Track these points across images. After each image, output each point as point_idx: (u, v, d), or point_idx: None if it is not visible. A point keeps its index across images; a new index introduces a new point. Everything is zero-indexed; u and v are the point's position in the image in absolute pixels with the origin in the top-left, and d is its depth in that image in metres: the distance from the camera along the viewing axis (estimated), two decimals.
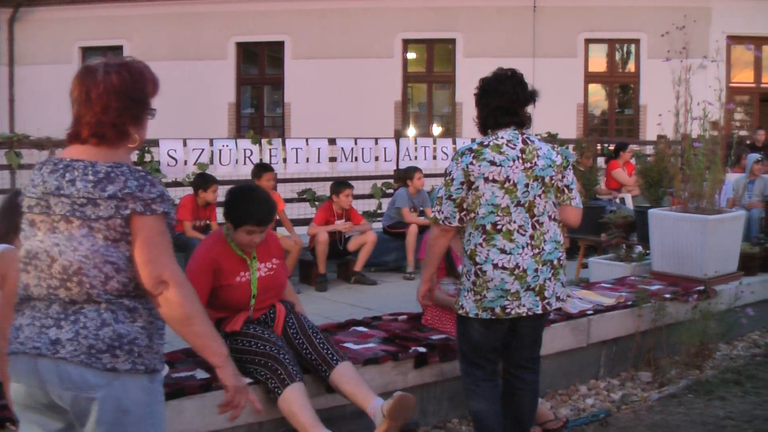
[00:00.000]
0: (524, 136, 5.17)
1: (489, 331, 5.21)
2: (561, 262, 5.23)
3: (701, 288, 8.30)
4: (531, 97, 5.26)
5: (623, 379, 7.57)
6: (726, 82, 22.88)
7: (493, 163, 5.02)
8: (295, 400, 5.23)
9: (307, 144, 13.29)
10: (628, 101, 26.40)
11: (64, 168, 3.26)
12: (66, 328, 3.19)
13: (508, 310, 5.06)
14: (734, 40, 20.84)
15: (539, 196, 5.09)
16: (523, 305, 5.07)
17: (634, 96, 25.75)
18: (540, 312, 5.13)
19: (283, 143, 13.15)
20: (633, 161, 15.50)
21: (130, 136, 3.37)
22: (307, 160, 13.27)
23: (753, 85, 25.76)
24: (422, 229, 11.59)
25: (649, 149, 16.37)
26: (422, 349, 6.21)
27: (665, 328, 7.74)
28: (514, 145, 5.09)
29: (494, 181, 5.02)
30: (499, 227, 5.04)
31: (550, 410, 6.31)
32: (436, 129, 26.02)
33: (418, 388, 6.16)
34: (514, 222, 5.04)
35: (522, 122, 5.22)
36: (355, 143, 13.91)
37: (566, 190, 5.24)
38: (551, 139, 15.82)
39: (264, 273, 5.78)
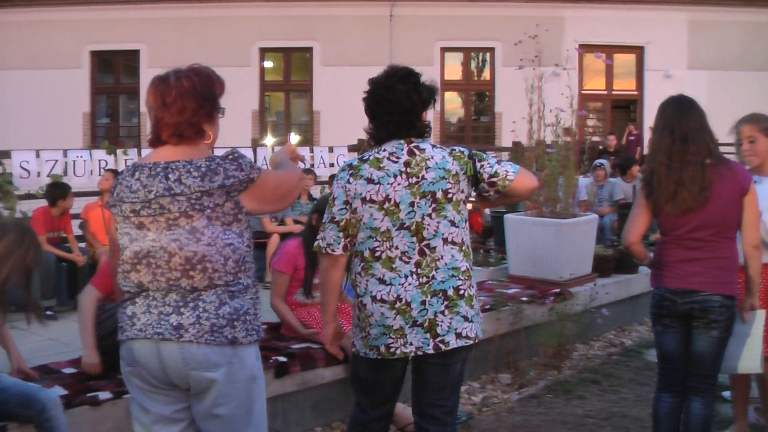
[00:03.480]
0: (412, 145, 4.37)
1: (379, 372, 4.52)
2: (461, 292, 4.36)
3: (557, 290, 8.46)
4: (429, 98, 4.49)
5: (484, 381, 7.64)
6: (578, 89, 23.45)
7: (370, 180, 4.30)
8: None
9: None
10: (484, 109, 26.83)
11: (163, 170, 3.55)
12: (187, 314, 3.51)
13: (392, 349, 4.32)
14: (585, 48, 21.34)
15: (429, 215, 4.30)
16: (411, 344, 4.30)
17: (489, 103, 26.20)
18: (431, 351, 4.31)
19: (139, 153, 12.91)
20: None
21: (205, 133, 3.72)
22: None
23: (604, 92, 26.53)
24: (282, 238, 11.52)
25: (505, 156, 16.61)
26: (283, 359, 6.15)
27: (524, 331, 7.87)
28: (397, 157, 4.33)
29: (372, 201, 4.29)
30: (377, 254, 4.33)
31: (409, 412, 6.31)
32: (294, 137, 25.97)
33: (279, 398, 6.12)
34: (396, 248, 4.30)
35: (421, 133, 4.46)
36: (213, 153, 13.75)
37: (488, 182, 4.44)
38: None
39: None
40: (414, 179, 4.30)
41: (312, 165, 15.19)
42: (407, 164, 4.32)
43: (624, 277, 9.70)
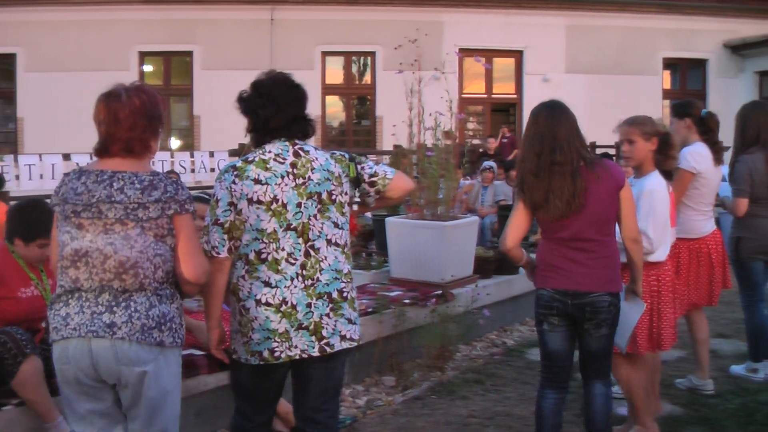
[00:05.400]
0: (296, 146, 4.44)
1: (261, 378, 4.52)
2: (345, 294, 4.45)
3: (439, 292, 8.49)
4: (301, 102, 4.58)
5: (368, 384, 7.66)
6: (458, 93, 23.68)
7: (257, 181, 4.30)
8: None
9: (41, 160, 12.86)
10: (365, 112, 26.93)
11: (109, 178, 3.92)
12: (119, 312, 3.86)
13: (277, 354, 4.32)
14: (465, 52, 21.56)
15: (315, 216, 4.37)
16: (296, 347, 4.32)
17: (370, 107, 26.28)
18: (316, 354, 4.35)
19: (16, 159, 12.68)
20: None
21: (151, 148, 4.06)
22: (41, 176, 12.84)
23: (484, 95, 26.89)
24: None
25: (386, 159, 16.67)
26: None
27: (407, 333, 7.90)
28: (284, 158, 4.37)
29: (259, 202, 4.29)
30: (263, 256, 4.32)
31: None
32: (175, 142, 25.72)
33: None
34: (282, 249, 4.32)
35: (306, 134, 4.55)
36: (91, 158, 13.49)
37: (368, 187, 4.63)
38: None
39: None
40: (301, 180, 4.37)
41: (193, 170, 15.08)
42: (294, 165, 4.39)
43: (505, 278, 9.81)
